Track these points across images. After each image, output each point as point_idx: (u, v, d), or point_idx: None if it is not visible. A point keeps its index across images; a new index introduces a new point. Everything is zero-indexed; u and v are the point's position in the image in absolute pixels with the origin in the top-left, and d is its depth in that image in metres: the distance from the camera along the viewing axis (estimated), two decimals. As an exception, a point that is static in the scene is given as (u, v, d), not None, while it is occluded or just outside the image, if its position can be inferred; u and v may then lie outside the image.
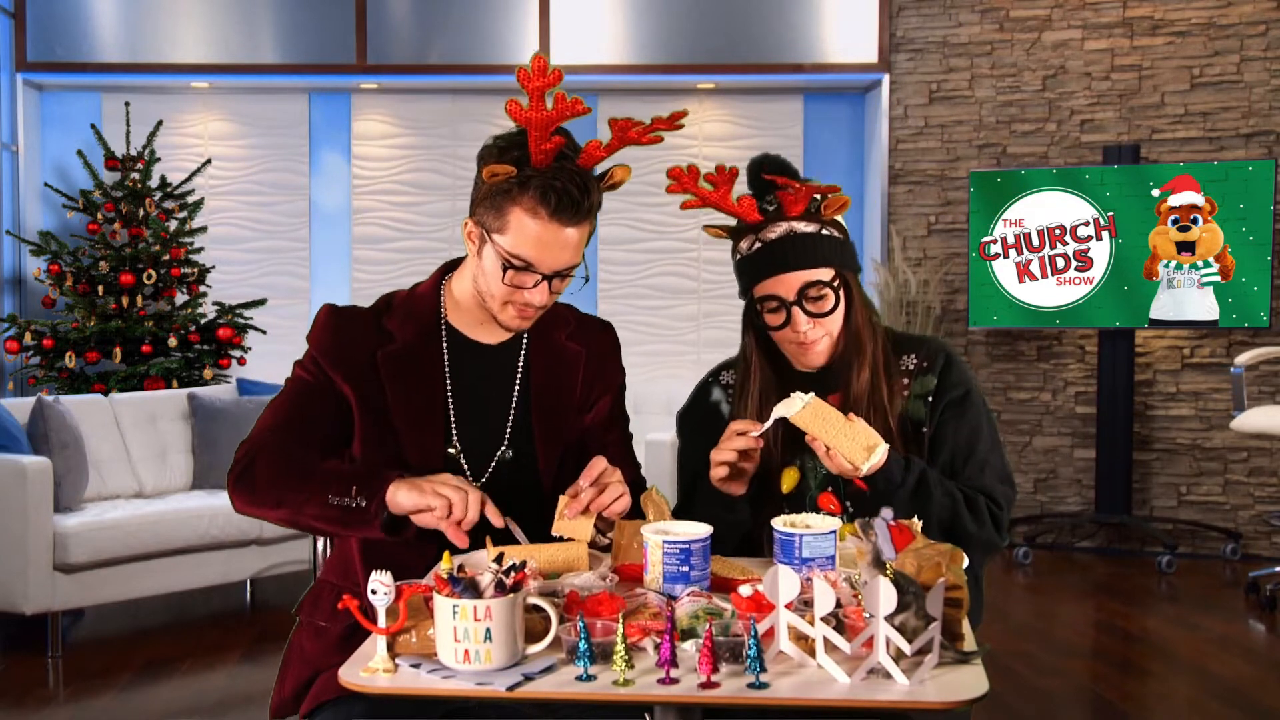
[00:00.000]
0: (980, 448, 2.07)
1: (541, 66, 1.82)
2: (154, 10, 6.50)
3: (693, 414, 2.23)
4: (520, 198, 1.86)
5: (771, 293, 2.03)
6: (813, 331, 2.03)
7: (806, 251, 2.02)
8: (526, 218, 1.86)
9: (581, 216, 1.87)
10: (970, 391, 2.09)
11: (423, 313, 2.02)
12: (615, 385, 2.14)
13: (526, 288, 1.90)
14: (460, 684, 1.44)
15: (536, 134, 1.85)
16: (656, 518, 1.83)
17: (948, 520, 1.98)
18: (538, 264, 1.88)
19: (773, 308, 2.04)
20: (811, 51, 6.49)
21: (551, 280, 1.91)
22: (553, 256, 1.88)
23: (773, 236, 2.04)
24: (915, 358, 2.11)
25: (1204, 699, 3.94)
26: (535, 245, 1.87)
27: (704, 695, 1.38)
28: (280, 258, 6.87)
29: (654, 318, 6.84)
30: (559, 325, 2.09)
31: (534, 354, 2.05)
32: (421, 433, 1.97)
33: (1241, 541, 5.90)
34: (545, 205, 1.84)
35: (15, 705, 3.83)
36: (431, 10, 6.55)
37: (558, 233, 1.87)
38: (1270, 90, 5.93)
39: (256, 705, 3.81)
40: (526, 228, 1.86)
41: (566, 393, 2.05)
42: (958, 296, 6.33)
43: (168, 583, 4.58)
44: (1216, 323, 5.71)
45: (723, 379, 2.22)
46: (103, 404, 5.01)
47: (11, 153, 6.48)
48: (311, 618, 2.00)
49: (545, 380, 2.04)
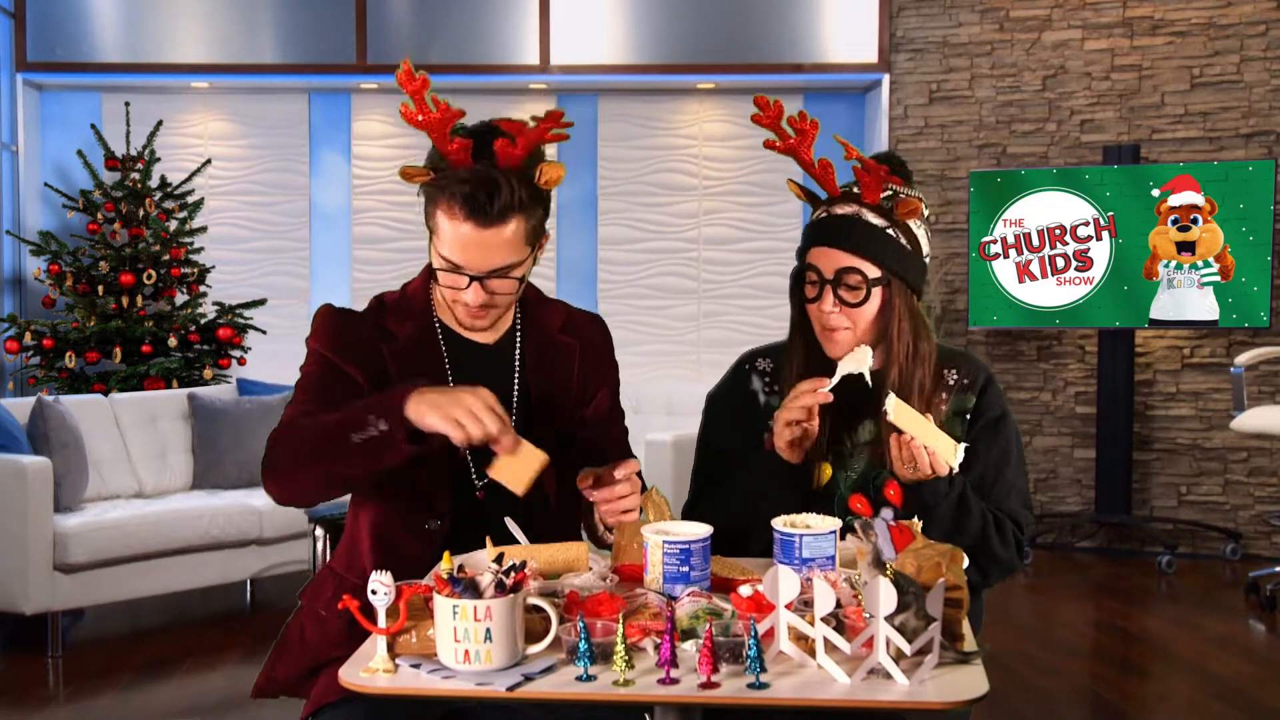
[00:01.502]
0: (1009, 471, 2.08)
1: (409, 71, 1.80)
2: (154, 10, 6.50)
3: (729, 398, 2.21)
4: (440, 201, 1.85)
5: (814, 263, 2.04)
6: (836, 318, 2.02)
7: (861, 237, 2.02)
8: (447, 220, 1.85)
9: (495, 218, 1.83)
10: (1005, 414, 2.11)
11: (417, 312, 2.02)
12: (612, 379, 2.14)
13: (461, 289, 1.89)
14: (460, 684, 1.44)
15: (435, 136, 1.84)
16: (656, 518, 1.83)
17: (978, 538, 1.98)
18: (466, 266, 1.87)
19: (812, 279, 2.04)
20: (811, 51, 6.49)
21: (485, 281, 1.88)
22: (480, 258, 1.86)
23: (839, 212, 2.06)
24: (956, 374, 2.10)
25: (1204, 699, 3.94)
26: (459, 247, 1.86)
27: (704, 695, 1.38)
28: (280, 258, 6.87)
29: (654, 318, 6.84)
30: (551, 319, 2.09)
31: (529, 348, 2.05)
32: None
33: (1241, 541, 5.90)
34: (459, 207, 1.83)
35: (15, 705, 3.83)
36: (431, 10, 6.55)
37: (478, 235, 1.84)
38: (1270, 90, 5.93)
39: (256, 705, 3.80)
40: (449, 231, 1.86)
41: (563, 385, 2.05)
42: (958, 296, 6.33)
43: (168, 583, 4.58)
44: (1216, 323, 5.71)
45: (759, 365, 2.20)
46: (103, 404, 5.01)
47: (11, 153, 6.48)
48: (313, 604, 2.01)
49: (541, 373, 2.04)
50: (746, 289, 6.86)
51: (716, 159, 6.85)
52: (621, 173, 6.83)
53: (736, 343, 6.76)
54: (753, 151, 6.82)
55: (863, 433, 2.09)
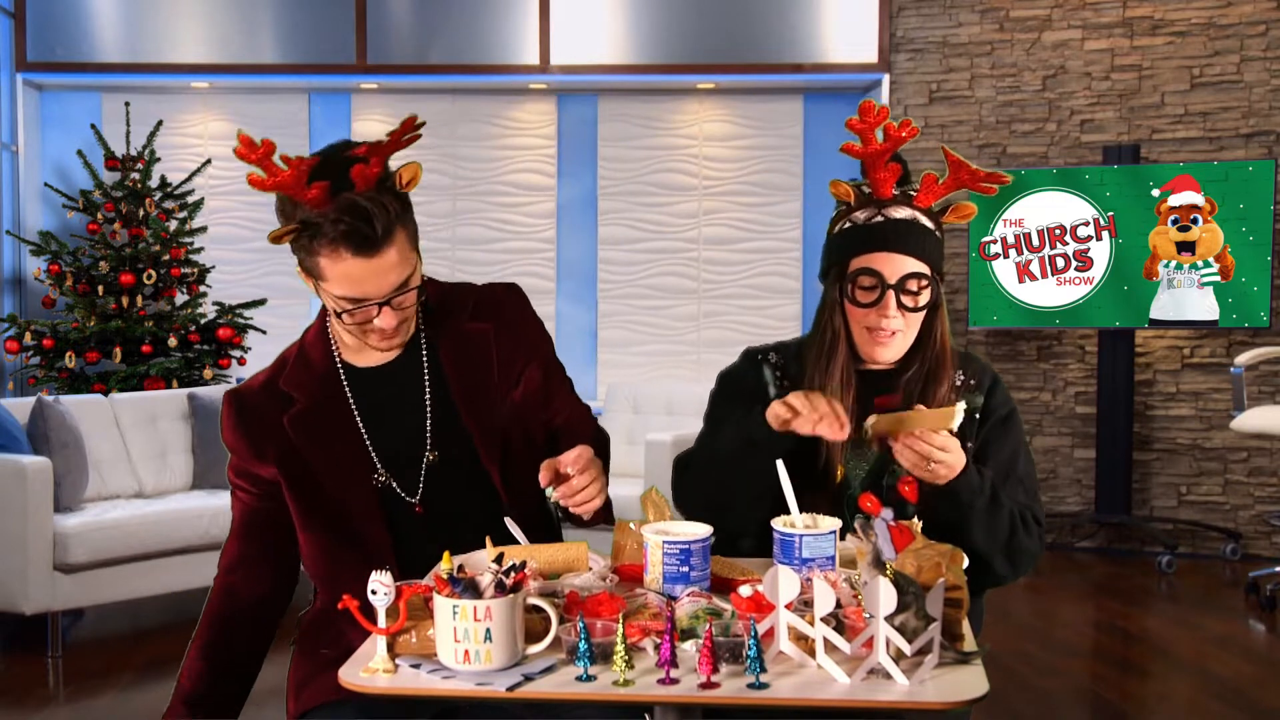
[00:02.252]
0: (1020, 466, 2.09)
1: (249, 141, 1.76)
2: (154, 10, 6.50)
3: (740, 381, 2.18)
4: (319, 249, 1.81)
5: (874, 268, 2.00)
6: (895, 322, 2.01)
7: (923, 242, 2.02)
8: (334, 264, 1.81)
9: (382, 242, 1.80)
10: (1013, 411, 2.12)
11: (316, 361, 1.99)
12: (539, 349, 2.06)
13: (373, 319, 1.86)
14: (460, 684, 1.44)
15: (293, 192, 1.80)
16: (656, 518, 1.83)
17: (1007, 533, 2.00)
18: (367, 297, 1.84)
19: (868, 284, 2.01)
20: (811, 51, 6.49)
21: (391, 302, 1.86)
22: (377, 286, 1.83)
23: (897, 215, 2.02)
24: (963, 375, 2.11)
25: (1204, 699, 3.94)
26: (354, 283, 1.83)
27: (704, 695, 1.38)
28: (280, 258, 6.84)
29: (654, 318, 6.84)
30: (457, 311, 2.02)
31: (442, 347, 2.00)
32: (346, 476, 1.95)
33: (1241, 541, 5.90)
34: (344, 247, 1.79)
35: (15, 705, 3.83)
36: (431, 10, 6.55)
37: (368, 264, 1.81)
38: (1270, 90, 5.93)
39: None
40: (338, 271, 1.82)
41: (484, 373, 1.99)
42: (958, 296, 6.33)
43: (168, 583, 4.57)
44: (1216, 323, 5.71)
45: (771, 358, 2.17)
46: (103, 404, 5.01)
47: (11, 153, 6.48)
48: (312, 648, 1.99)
49: (457, 370, 1.99)
50: (746, 289, 6.85)
51: (716, 159, 6.85)
52: (621, 173, 6.83)
53: (736, 343, 6.74)
54: (753, 151, 6.82)
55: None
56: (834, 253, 2.08)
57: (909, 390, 2.06)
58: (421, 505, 1.97)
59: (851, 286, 2.02)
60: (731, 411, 2.13)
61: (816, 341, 2.09)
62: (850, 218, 2.06)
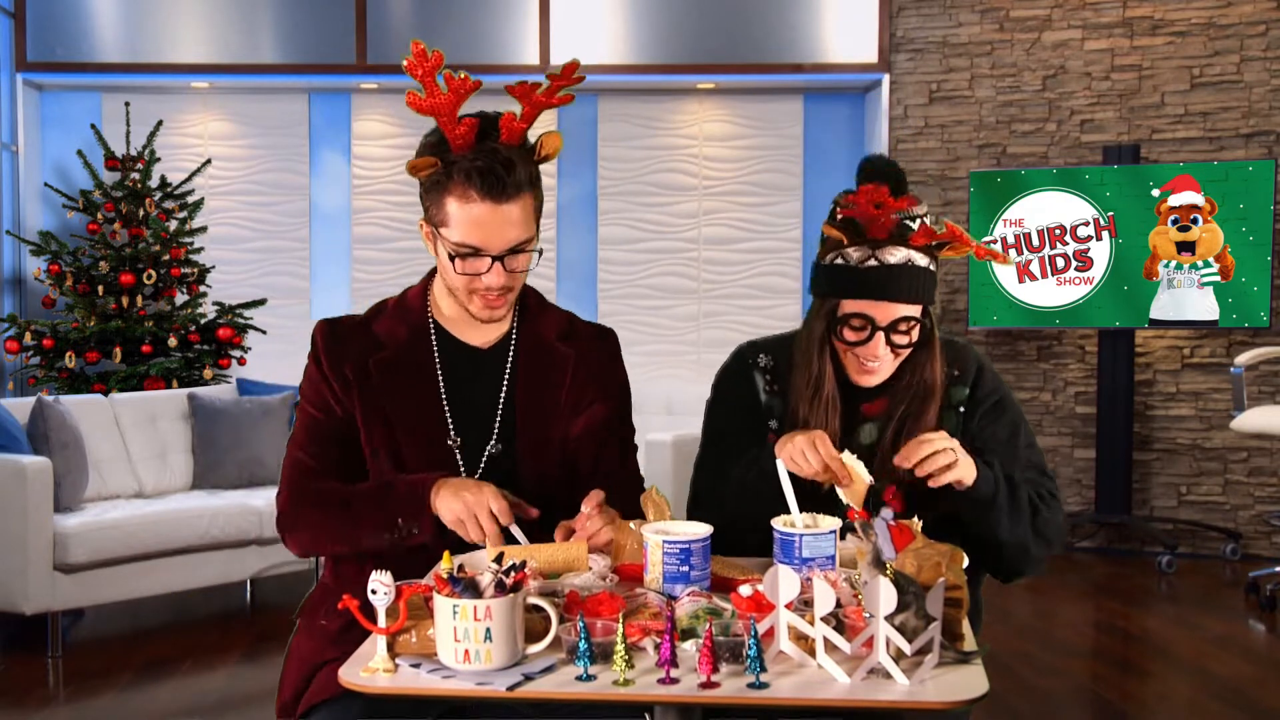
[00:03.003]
0: (1020, 447, 2.09)
1: (421, 52, 1.81)
2: (154, 10, 6.50)
3: (733, 388, 2.20)
4: (450, 186, 1.87)
5: (865, 313, 1.99)
6: (885, 359, 2.02)
7: (916, 286, 1.99)
8: (460, 204, 1.87)
9: (512, 192, 1.87)
10: (1004, 396, 2.12)
11: (412, 317, 2.04)
12: (612, 394, 2.12)
13: (481, 273, 1.91)
14: (460, 684, 1.44)
15: (444, 120, 1.85)
16: (656, 517, 1.83)
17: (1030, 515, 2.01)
18: (484, 247, 1.89)
19: (858, 325, 2.00)
20: (811, 51, 6.49)
21: (504, 260, 1.90)
22: (497, 236, 1.89)
23: (891, 261, 1.97)
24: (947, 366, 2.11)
25: (1204, 699, 3.94)
26: (476, 229, 1.88)
27: (704, 695, 1.38)
28: (280, 258, 6.87)
29: (654, 318, 6.84)
30: (551, 327, 2.09)
31: (521, 353, 2.05)
32: (418, 433, 1.99)
33: (1241, 541, 5.90)
34: (474, 188, 1.85)
35: (15, 705, 3.83)
36: (431, 10, 6.55)
37: (495, 211, 1.87)
38: (1270, 90, 5.93)
39: (256, 705, 3.81)
40: (463, 214, 1.88)
41: (552, 392, 2.04)
42: (958, 296, 6.33)
43: (168, 583, 4.58)
44: (1216, 323, 5.71)
45: (760, 362, 2.18)
46: (103, 404, 5.01)
47: (11, 153, 6.48)
48: (311, 621, 2.01)
49: (529, 378, 2.04)
50: (746, 289, 6.86)
51: (716, 159, 6.85)
52: (621, 173, 6.83)
53: (736, 342, 6.70)
54: (753, 151, 6.82)
55: (863, 437, 2.09)
56: (824, 285, 2.05)
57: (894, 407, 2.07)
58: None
59: (841, 326, 2.02)
60: (728, 424, 2.16)
61: (802, 373, 2.09)
62: (843, 253, 2.01)
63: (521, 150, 1.90)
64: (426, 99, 1.83)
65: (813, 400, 2.06)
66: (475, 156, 1.85)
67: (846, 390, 2.08)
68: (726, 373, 2.23)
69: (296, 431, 2.05)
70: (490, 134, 1.88)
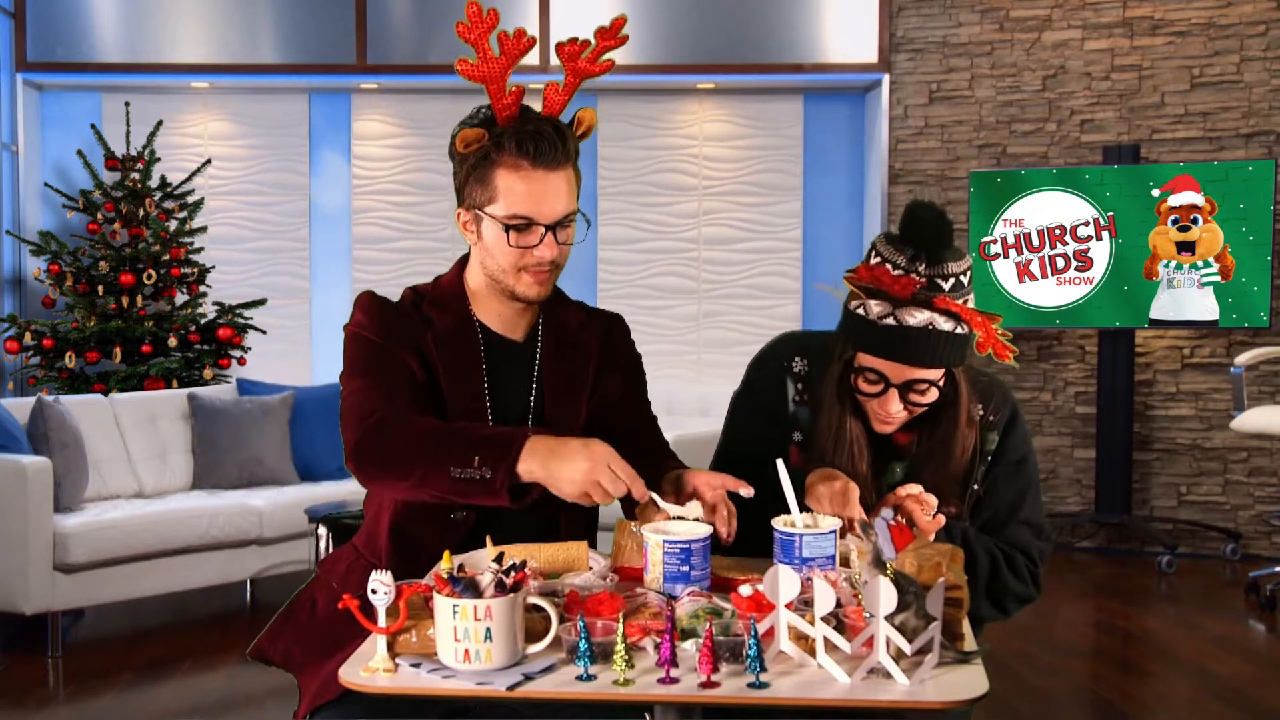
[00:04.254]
0: (1023, 510, 2.06)
1: (477, 11, 1.81)
2: (154, 10, 6.50)
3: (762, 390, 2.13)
4: (500, 157, 1.88)
5: (881, 370, 1.93)
6: (899, 415, 1.97)
7: (936, 351, 1.91)
8: (512, 175, 1.88)
9: (561, 160, 1.89)
10: (1027, 457, 2.08)
11: (454, 305, 2.04)
12: (626, 365, 2.13)
13: (534, 245, 1.91)
14: (460, 684, 1.44)
15: (494, 88, 1.86)
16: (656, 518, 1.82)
17: (988, 577, 1.99)
18: (537, 216, 1.89)
19: (872, 379, 1.95)
20: (811, 51, 6.49)
21: (555, 231, 1.91)
22: (548, 205, 1.90)
23: (911, 322, 1.89)
24: (983, 409, 2.07)
25: (1204, 699, 3.94)
26: (528, 199, 1.88)
27: (704, 695, 1.38)
28: (280, 258, 6.87)
29: (654, 318, 6.84)
30: (571, 319, 2.10)
31: (548, 346, 2.06)
32: (467, 407, 1.98)
33: (1241, 541, 5.90)
34: (525, 156, 1.87)
35: (15, 705, 3.83)
36: (431, 10, 6.55)
37: (545, 180, 1.88)
38: (1270, 90, 5.93)
39: (256, 705, 3.81)
40: (515, 185, 1.88)
41: (578, 378, 2.06)
42: (958, 296, 6.32)
43: (168, 583, 4.58)
44: (1216, 323, 5.71)
45: (795, 368, 2.11)
46: (103, 404, 5.01)
47: (11, 153, 6.48)
48: (328, 575, 2.02)
49: (557, 370, 2.05)
50: (746, 289, 6.85)
51: (716, 159, 6.85)
52: (621, 173, 6.83)
53: (736, 342, 6.76)
54: (753, 151, 6.82)
55: (890, 475, 2.07)
56: (845, 330, 1.99)
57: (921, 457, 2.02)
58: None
59: (855, 376, 1.97)
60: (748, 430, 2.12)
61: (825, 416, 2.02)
62: (864, 305, 1.93)
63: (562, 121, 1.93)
64: (479, 64, 1.83)
65: (835, 447, 2.00)
66: (523, 125, 1.87)
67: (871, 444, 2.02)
68: (761, 366, 2.15)
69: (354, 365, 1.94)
70: (530, 111, 1.90)
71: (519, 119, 1.88)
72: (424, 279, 2.12)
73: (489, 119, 1.90)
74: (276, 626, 2.02)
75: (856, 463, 1.99)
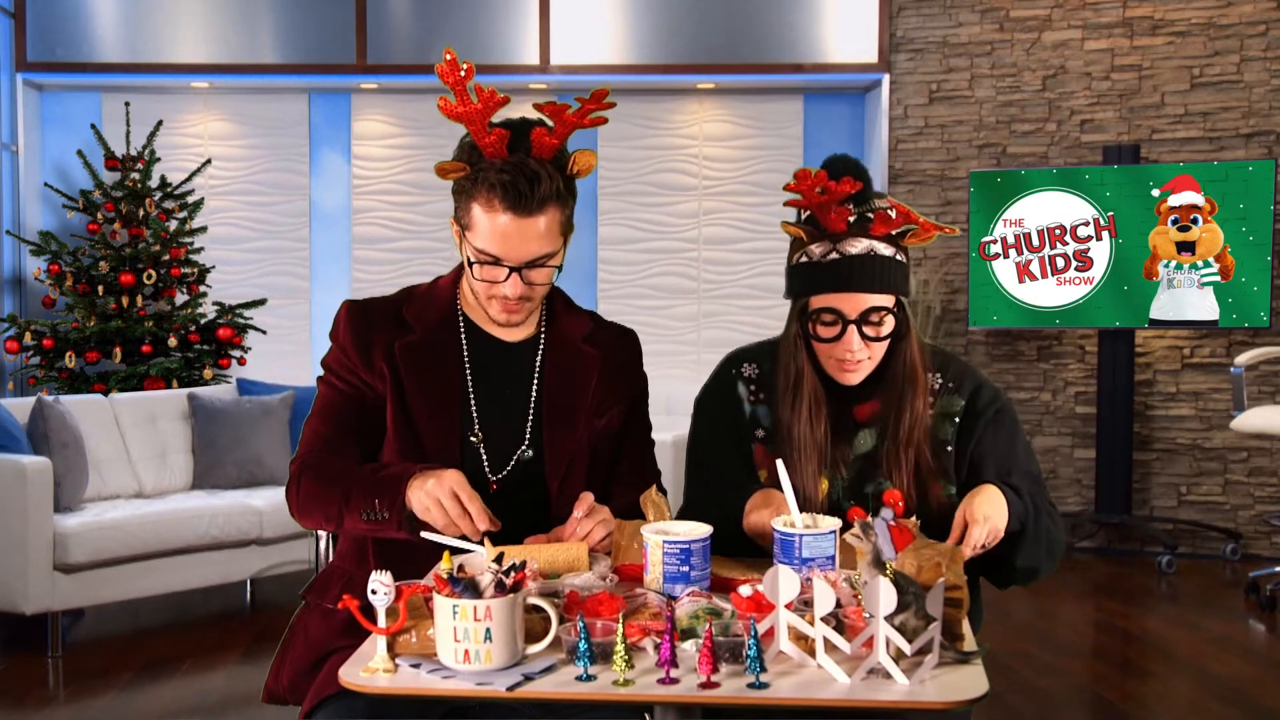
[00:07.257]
0: (1020, 458, 2.08)
1: (454, 61, 1.83)
2: (154, 10, 6.50)
3: (715, 405, 2.18)
4: (476, 193, 1.89)
5: (833, 307, 1.97)
6: (860, 353, 1.99)
7: (882, 275, 1.96)
8: (484, 213, 1.88)
9: (535, 206, 1.87)
10: (1002, 408, 2.10)
11: (441, 305, 2.05)
12: (633, 394, 2.14)
13: (499, 281, 1.91)
14: (460, 684, 1.44)
15: (475, 128, 1.87)
16: (656, 518, 1.83)
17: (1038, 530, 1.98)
18: (504, 257, 1.90)
19: (829, 320, 1.98)
20: (811, 51, 6.49)
21: (522, 272, 1.91)
22: (517, 248, 1.89)
23: (852, 251, 1.95)
24: (940, 377, 2.09)
25: (1204, 699, 3.94)
26: (497, 239, 1.89)
27: (704, 695, 1.38)
28: (280, 258, 6.87)
29: (654, 318, 6.84)
30: (577, 328, 2.10)
31: (549, 355, 2.06)
32: (439, 421, 1.99)
33: (1241, 541, 5.90)
34: (497, 198, 1.86)
35: (15, 705, 3.83)
36: (431, 10, 6.55)
37: (517, 224, 1.88)
38: (1270, 90, 5.93)
39: (256, 705, 3.79)
40: (486, 222, 1.89)
41: (580, 395, 2.05)
42: (958, 296, 6.33)
43: (168, 583, 4.58)
44: (1216, 323, 5.71)
45: (745, 372, 2.16)
46: (103, 404, 5.01)
47: (11, 153, 6.48)
48: (320, 600, 2.01)
49: (557, 381, 2.05)
50: (746, 289, 6.86)
51: (716, 159, 6.85)
52: (621, 173, 6.83)
53: (736, 342, 6.68)
54: (753, 151, 6.82)
55: (860, 444, 2.08)
56: (793, 285, 2.05)
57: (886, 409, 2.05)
58: (498, 485, 2.00)
59: (812, 324, 2.00)
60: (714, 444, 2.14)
61: (782, 376, 2.07)
62: (806, 251, 2.00)
63: (553, 163, 1.90)
64: (458, 105, 1.84)
65: (794, 403, 2.04)
66: (502, 168, 1.86)
67: (837, 397, 2.06)
68: (708, 394, 2.21)
69: (316, 405, 2.04)
70: (522, 144, 1.88)
71: (504, 157, 1.87)
72: (424, 279, 2.13)
73: (476, 149, 1.89)
74: (278, 664, 2.02)
75: (813, 416, 2.03)
